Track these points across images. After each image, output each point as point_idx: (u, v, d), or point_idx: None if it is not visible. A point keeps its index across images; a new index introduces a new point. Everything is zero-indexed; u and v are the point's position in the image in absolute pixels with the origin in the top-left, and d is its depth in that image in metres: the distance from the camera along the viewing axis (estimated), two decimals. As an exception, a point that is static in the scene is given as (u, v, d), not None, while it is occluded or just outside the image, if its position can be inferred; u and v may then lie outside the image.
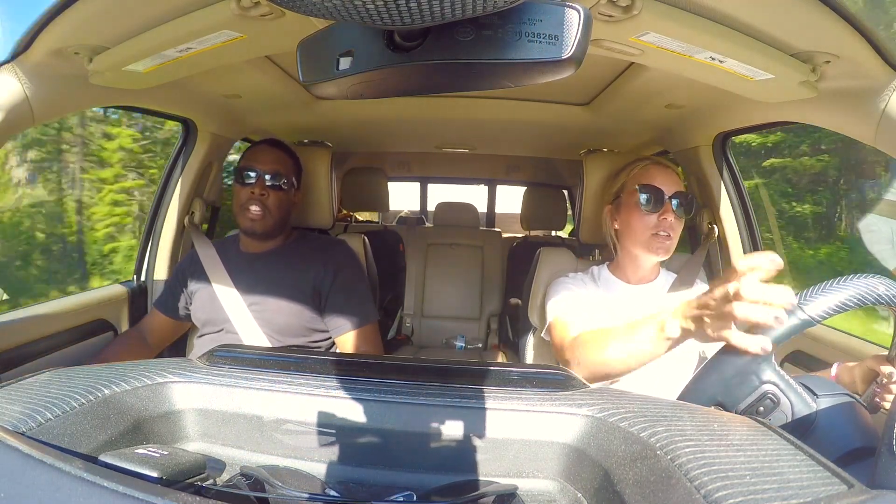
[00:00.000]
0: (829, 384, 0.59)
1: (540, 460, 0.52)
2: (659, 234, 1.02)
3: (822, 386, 0.58)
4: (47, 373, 0.58)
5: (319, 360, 0.70)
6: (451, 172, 3.28)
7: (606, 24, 0.70)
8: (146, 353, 1.23)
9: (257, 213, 1.14)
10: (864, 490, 0.36)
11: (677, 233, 1.04)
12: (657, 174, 1.05)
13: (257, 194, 1.14)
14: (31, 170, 4.39)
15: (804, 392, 0.57)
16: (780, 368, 0.58)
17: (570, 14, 0.33)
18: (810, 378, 0.61)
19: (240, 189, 1.16)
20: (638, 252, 1.06)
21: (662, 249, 1.03)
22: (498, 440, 0.53)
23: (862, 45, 0.68)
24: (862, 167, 4.81)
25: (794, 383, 0.57)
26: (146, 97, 1.14)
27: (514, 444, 0.53)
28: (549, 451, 0.52)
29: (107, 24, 0.77)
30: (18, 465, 0.36)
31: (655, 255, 1.04)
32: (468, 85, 0.39)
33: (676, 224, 1.03)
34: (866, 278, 0.56)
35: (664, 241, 1.02)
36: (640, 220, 1.03)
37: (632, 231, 1.05)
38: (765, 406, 0.57)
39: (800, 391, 0.57)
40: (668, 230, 1.02)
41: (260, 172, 1.16)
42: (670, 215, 1.02)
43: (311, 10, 0.29)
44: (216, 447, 0.56)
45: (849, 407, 0.56)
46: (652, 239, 1.03)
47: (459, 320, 2.39)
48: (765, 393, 0.56)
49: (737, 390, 0.57)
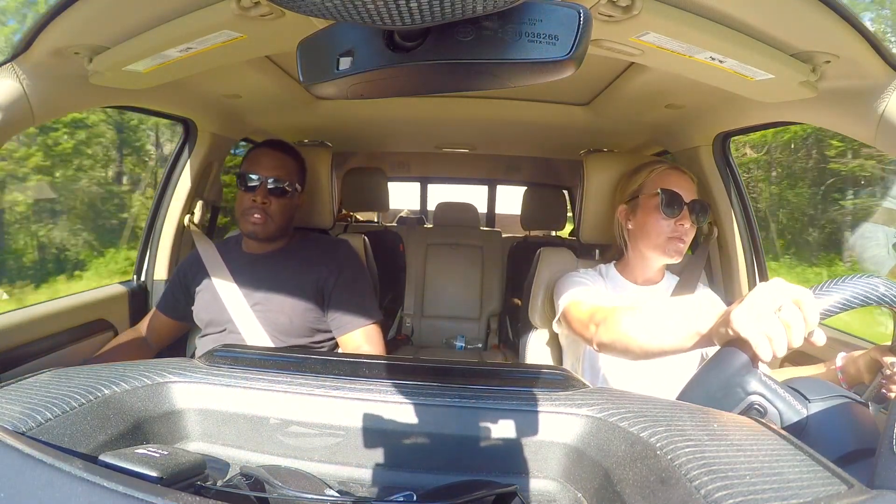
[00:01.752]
0: (822, 386, 0.59)
1: (540, 460, 0.52)
2: (676, 238, 1.03)
3: (815, 389, 0.58)
4: (47, 373, 0.58)
5: (319, 360, 0.70)
6: (451, 172, 3.28)
7: (606, 24, 0.70)
8: (146, 353, 1.23)
9: (259, 219, 1.13)
10: (864, 490, 0.36)
11: (690, 239, 1.05)
12: (677, 180, 1.06)
13: (259, 201, 1.13)
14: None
15: (793, 398, 0.56)
16: (766, 377, 0.57)
17: (570, 14, 0.33)
18: (804, 381, 0.61)
19: (242, 194, 1.15)
20: (651, 254, 1.07)
21: (676, 253, 1.04)
22: (498, 440, 0.53)
23: (862, 45, 0.68)
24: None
25: (781, 391, 0.57)
26: (146, 97, 1.14)
27: (514, 444, 0.53)
28: (549, 451, 0.52)
29: (107, 24, 0.77)
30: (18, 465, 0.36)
31: (669, 257, 1.05)
32: (468, 85, 0.39)
33: (691, 230, 1.04)
34: (867, 278, 0.56)
35: (678, 244, 1.03)
36: (658, 224, 1.04)
37: (647, 233, 1.06)
38: (752, 417, 0.56)
39: (788, 398, 0.56)
40: (683, 235, 1.03)
41: (262, 178, 1.14)
42: (687, 221, 1.03)
43: (311, 10, 0.29)
44: (216, 447, 0.56)
45: (842, 409, 0.56)
46: (668, 242, 1.03)
47: (459, 320, 2.39)
48: (751, 404, 0.56)
49: (723, 403, 0.57)
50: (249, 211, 1.13)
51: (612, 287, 1.10)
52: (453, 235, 2.49)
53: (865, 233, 5.14)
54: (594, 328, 0.87)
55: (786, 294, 0.56)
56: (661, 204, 1.03)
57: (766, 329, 0.54)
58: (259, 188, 1.13)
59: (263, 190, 1.14)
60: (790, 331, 0.54)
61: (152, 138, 6.24)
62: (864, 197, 5.63)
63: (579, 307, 0.97)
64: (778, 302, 0.56)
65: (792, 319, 0.54)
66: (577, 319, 0.96)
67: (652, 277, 1.12)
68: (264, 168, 1.15)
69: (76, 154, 5.30)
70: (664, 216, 1.03)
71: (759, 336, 0.54)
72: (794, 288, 0.56)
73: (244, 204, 1.14)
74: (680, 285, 1.12)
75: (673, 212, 1.03)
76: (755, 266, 1.36)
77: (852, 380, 0.75)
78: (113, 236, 5.46)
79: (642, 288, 1.11)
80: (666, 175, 1.07)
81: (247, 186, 1.14)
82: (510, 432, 0.53)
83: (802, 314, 0.54)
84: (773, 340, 0.54)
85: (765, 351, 0.54)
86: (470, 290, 2.42)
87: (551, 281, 1.18)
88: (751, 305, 0.57)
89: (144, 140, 6.23)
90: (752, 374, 0.57)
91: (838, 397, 0.57)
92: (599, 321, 0.86)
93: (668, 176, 1.06)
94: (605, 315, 0.86)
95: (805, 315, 0.54)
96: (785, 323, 0.54)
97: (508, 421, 0.53)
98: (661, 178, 1.07)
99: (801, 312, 0.54)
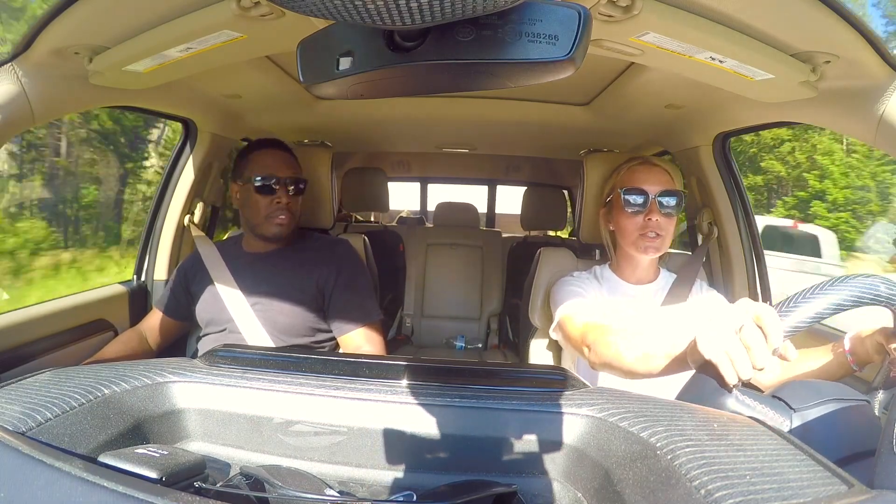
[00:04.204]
0: (812, 392, 0.58)
1: (540, 460, 0.52)
2: (647, 234, 1.03)
3: (803, 396, 0.57)
4: (47, 373, 0.58)
5: (319, 360, 0.70)
6: (451, 172, 3.28)
7: (606, 24, 0.70)
8: (146, 352, 1.23)
9: (285, 220, 1.15)
10: (864, 490, 0.36)
11: (668, 230, 1.05)
12: (642, 175, 1.06)
13: (284, 203, 1.15)
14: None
15: (774, 412, 0.56)
16: (744, 394, 0.57)
17: (570, 14, 0.33)
18: (796, 386, 0.60)
19: (261, 198, 1.15)
20: (631, 252, 1.07)
21: (652, 248, 1.03)
22: (498, 440, 0.53)
23: (862, 45, 0.68)
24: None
25: (760, 406, 0.56)
26: (146, 97, 1.14)
27: (514, 444, 0.53)
28: (549, 451, 0.52)
29: (107, 24, 0.77)
30: (18, 465, 0.36)
31: (645, 254, 1.05)
32: (468, 85, 0.39)
33: (665, 222, 1.04)
34: (866, 278, 0.56)
35: (653, 240, 1.03)
36: (628, 222, 1.05)
37: (622, 233, 1.07)
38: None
39: (769, 413, 0.56)
40: (655, 230, 1.03)
41: (282, 181, 1.15)
42: (656, 215, 1.02)
43: (311, 10, 0.29)
44: (216, 447, 0.56)
45: (828, 416, 0.55)
46: (640, 239, 1.04)
47: (459, 320, 2.39)
48: None
49: None
50: (275, 213, 1.14)
51: (608, 289, 1.10)
52: (453, 235, 2.49)
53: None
54: (587, 350, 0.88)
55: (746, 313, 0.55)
56: (624, 203, 1.04)
57: (727, 351, 0.54)
58: (280, 189, 1.15)
59: (286, 191, 1.15)
60: (751, 352, 0.53)
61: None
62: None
63: (573, 322, 0.98)
64: (739, 322, 0.55)
65: (752, 339, 0.53)
66: (570, 337, 0.98)
67: (644, 276, 1.12)
68: (280, 169, 1.16)
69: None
70: (631, 214, 1.04)
71: (721, 359, 0.54)
72: (755, 306, 0.55)
73: (267, 207, 1.15)
74: (677, 283, 1.12)
75: (638, 208, 1.03)
76: (755, 266, 1.36)
77: (862, 361, 0.75)
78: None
79: (637, 287, 1.11)
80: (631, 173, 1.07)
81: (268, 189, 1.15)
82: (510, 432, 0.53)
83: (764, 332, 0.53)
84: (734, 362, 0.53)
85: (729, 374, 0.53)
86: (470, 290, 2.42)
87: (551, 281, 1.18)
88: (712, 326, 0.56)
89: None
90: (726, 396, 0.57)
91: (829, 402, 0.56)
92: (591, 343, 0.87)
93: (633, 173, 1.07)
94: (595, 338, 0.87)
95: (767, 333, 0.53)
96: (745, 343, 0.53)
97: (508, 421, 0.53)
98: (625, 178, 1.08)
99: (763, 331, 0.53)
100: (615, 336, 0.82)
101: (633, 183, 1.05)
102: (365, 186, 2.18)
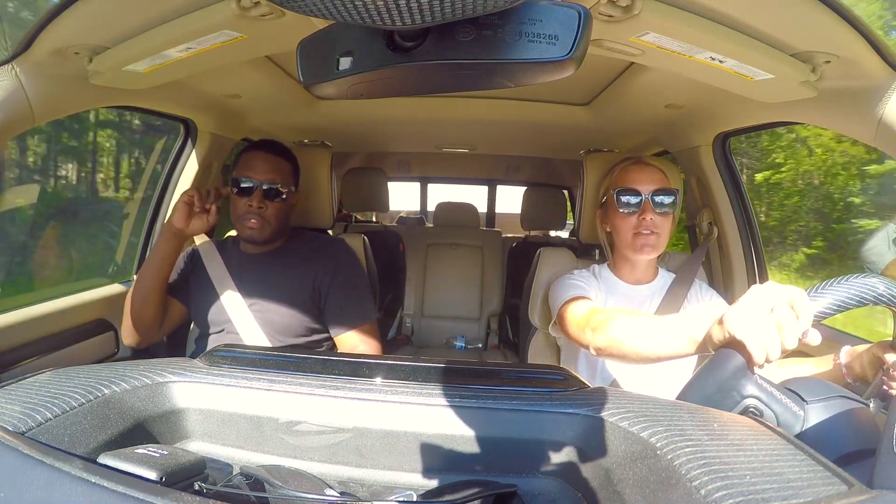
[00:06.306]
0: (821, 387, 0.58)
1: (540, 460, 0.52)
2: (641, 233, 1.03)
3: (814, 390, 0.57)
4: (47, 373, 0.58)
5: (319, 360, 0.70)
6: (451, 172, 3.28)
7: (606, 24, 0.70)
8: (156, 317, 1.16)
9: (255, 224, 1.11)
10: (864, 490, 0.36)
11: (664, 229, 1.05)
12: (635, 175, 1.05)
13: (255, 207, 1.11)
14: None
15: (790, 401, 0.56)
16: (763, 379, 0.57)
17: (570, 14, 0.33)
18: (803, 381, 0.60)
19: (236, 199, 1.13)
20: (627, 252, 1.07)
21: (647, 247, 1.03)
22: (498, 440, 0.53)
23: (862, 45, 0.68)
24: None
25: (777, 393, 0.57)
26: (146, 97, 1.14)
27: (514, 444, 0.53)
28: (549, 451, 0.52)
29: (107, 24, 0.77)
30: (18, 465, 0.36)
31: (641, 253, 1.04)
32: (468, 85, 0.39)
33: (660, 221, 1.03)
34: (866, 278, 0.56)
35: (648, 237, 1.03)
36: (623, 223, 1.05)
37: (617, 233, 1.07)
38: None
39: (784, 401, 0.56)
40: (650, 228, 1.03)
41: (257, 183, 1.12)
42: (650, 214, 1.03)
43: (311, 10, 0.29)
44: (216, 447, 0.56)
45: (840, 410, 0.55)
46: (635, 239, 1.04)
47: (459, 320, 2.39)
48: (747, 407, 0.56)
49: (719, 406, 0.57)
50: (246, 216, 1.11)
51: (606, 288, 1.10)
52: (453, 235, 2.49)
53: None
54: (590, 333, 0.87)
55: (779, 295, 0.56)
56: (617, 203, 1.04)
57: (759, 330, 0.54)
58: (254, 192, 1.11)
59: (259, 194, 1.11)
60: (783, 331, 0.54)
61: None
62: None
63: (575, 311, 0.97)
64: (771, 303, 0.56)
65: (785, 320, 0.54)
66: (573, 323, 0.96)
67: (642, 276, 1.12)
68: (258, 172, 1.13)
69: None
70: (625, 214, 1.04)
71: (752, 337, 0.54)
72: (787, 289, 0.56)
73: (240, 209, 1.12)
74: (675, 283, 1.12)
75: (632, 209, 1.03)
76: (755, 266, 1.37)
77: (857, 376, 0.75)
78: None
79: (634, 287, 1.11)
80: (623, 174, 1.07)
81: (241, 191, 1.12)
82: (510, 432, 0.53)
83: (795, 314, 0.54)
84: (766, 342, 0.54)
85: (758, 352, 0.54)
86: (470, 290, 2.42)
87: (551, 281, 1.18)
88: (744, 307, 0.57)
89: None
90: (747, 378, 0.57)
91: (837, 398, 0.57)
92: (595, 326, 0.86)
93: (626, 173, 1.07)
94: (601, 320, 0.86)
95: (798, 315, 0.54)
96: (778, 324, 0.54)
97: (508, 421, 0.53)
98: (618, 178, 1.08)
99: (794, 312, 0.54)
100: (625, 316, 0.82)
101: (626, 183, 1.05)
102: (365, 186, 2.18)
